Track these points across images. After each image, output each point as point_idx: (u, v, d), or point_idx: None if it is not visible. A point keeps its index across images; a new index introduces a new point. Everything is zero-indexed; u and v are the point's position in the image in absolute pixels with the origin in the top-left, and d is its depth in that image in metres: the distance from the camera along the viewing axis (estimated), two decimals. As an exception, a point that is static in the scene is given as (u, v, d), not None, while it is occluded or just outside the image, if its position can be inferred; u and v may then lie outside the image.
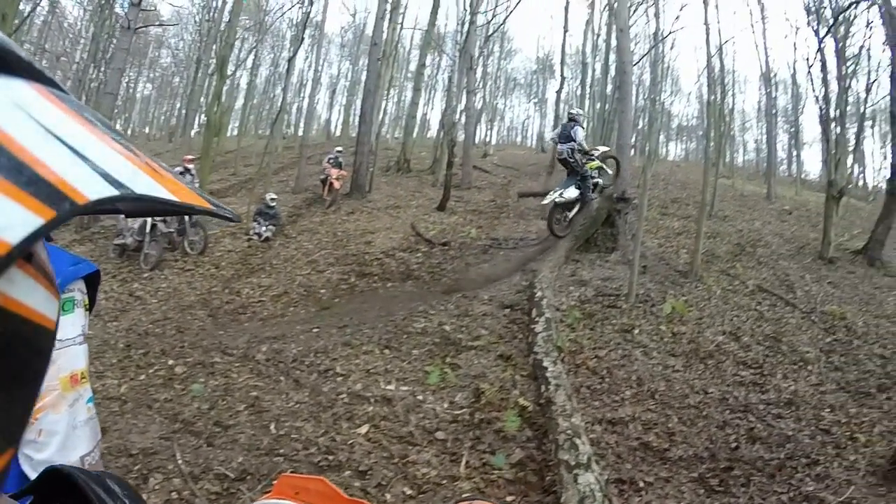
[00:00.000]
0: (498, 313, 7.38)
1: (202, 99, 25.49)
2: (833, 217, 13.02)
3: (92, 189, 0.27)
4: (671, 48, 31.66)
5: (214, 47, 22.74)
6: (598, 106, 28.80)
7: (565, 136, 10.58)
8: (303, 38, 20.21)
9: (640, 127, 27.70)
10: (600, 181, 11.08)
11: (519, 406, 5.11)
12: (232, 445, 4.15)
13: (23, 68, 0.30)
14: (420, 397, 5.09)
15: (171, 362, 5.71)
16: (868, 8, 15.78)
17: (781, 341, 8.41)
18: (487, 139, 41.43)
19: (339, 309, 8.51)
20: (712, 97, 17.04)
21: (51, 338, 0.32)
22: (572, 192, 10.41)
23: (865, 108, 21.80)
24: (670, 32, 24.87)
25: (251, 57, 30.36)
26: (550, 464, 4.25)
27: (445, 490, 3.95)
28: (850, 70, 17.42)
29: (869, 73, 19.99)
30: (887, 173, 15.17)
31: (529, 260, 10.09)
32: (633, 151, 19.36)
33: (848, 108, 17.92)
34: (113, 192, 0.28)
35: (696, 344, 7.78)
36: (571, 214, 10.81)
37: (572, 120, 10.77)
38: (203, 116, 24.45)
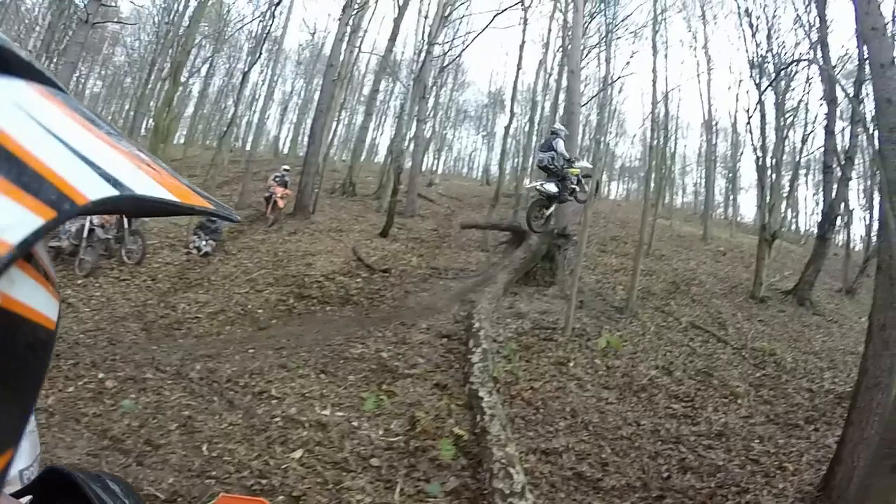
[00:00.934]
0: (435, 342, 7.42)
1: (152, 103, 24.79)
2: (765, 259, 13.62)
3: (92, 189, 0.28)
4: (619, 92, 32.41)
5: (171, 52, 22.23)
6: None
7: (547, 147, 11.09)
8: (260, 54, 20.05)
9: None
10: (577, 188, 11.42)
11: (454, 435, 5.14)
12: (162, 465, 4.05)
13: (23, 68, 0.30)
14: (355, 423, 5.07)
15: (101, 375, 5.55)
16: (808, 66, 16.65)
17: (713, 376, 8.67)
18: (434, 168, 41.58)
19: (276, 330, 8.38)
20: (655, 141, 17.63)
21: (51, 338, 0.32)
22: (552, 187, 10.74)
23: (801, 158, 22.93)
24: (619, 77, 25.54)
25: (206, 65, 29.92)
26: (485, 492, 4.29)
27: (380, 517, 3.94)
28: (788, 122, 18.33)
29: (806, 125, 21.00)
30: (819, 219, 15.97)
31: (468, 291, 10.14)
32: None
33: (784, 157, 18.86)
34: (113, 192, 0.29)
35: (629, 377, 7.96)
36: (548, 212, 11.15)
37: (554, 133, 11.31)
38: (151, 121, 23.83)
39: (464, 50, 22.69)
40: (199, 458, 4.12)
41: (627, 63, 35.40)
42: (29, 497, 0.51)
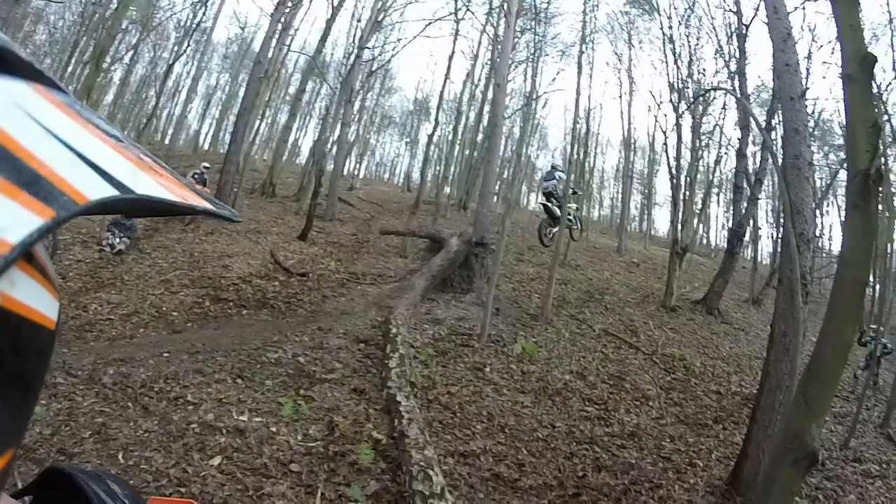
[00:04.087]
0: (353, 347, 7.44)
1: (71, 87, 23.50)
2: (676, 270, 14.27)
3: (92, 189, 0.28)
4: (543, 107, 33.09)
5: (95, 35, 21.06)
6: (466, 153, 29.89)
7: (551, 177, 12.57)
8: (188, 45, 19.41)
9: (504, 176, 28.78)
10: (573, 224, 12.90)
11: (373, 439, 5.18)
12: (78, 476, 3.88)
13: (23, 69, 0.30)
14: (273, 429, 5.04)
15: (7, 379, 5.29)
16: (725, 94, 17.59)
17: (625, 380, 9.02)
18: (356, 172, 41.24)
19: (191, 334, 8.13)
20: (575, 156, 18.14)
21: (51, 338, 0.33)
22: (556, 209, 11.91)
23: (713, 177, 24.26)
24: (544, 93, 26.01)
25: (130, 53, 28.68)
26: (405, 495, 4.36)
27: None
28: (703, 144, 19.33)
29: (720, 147, 22.31)
30: (728, 235, 16.95)
31: (386, 296, 10.19)
32: (495, 199, 20.11)
33: (698, 175, 19.75)
34: (113, 192, 0.29)
35: (544, 382, 8.18)
36: (555, 230, 12.13)
37: (554, 168, 12.85)
38: (68, 108, 22.56)
39: (393, 56, 22.61)
40: (116, 467, 3.97)
41: (553, 80, 36.39)
42: (30, 497, 0.51)
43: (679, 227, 15.43)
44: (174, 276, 10.88)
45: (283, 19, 18.45)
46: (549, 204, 12.21)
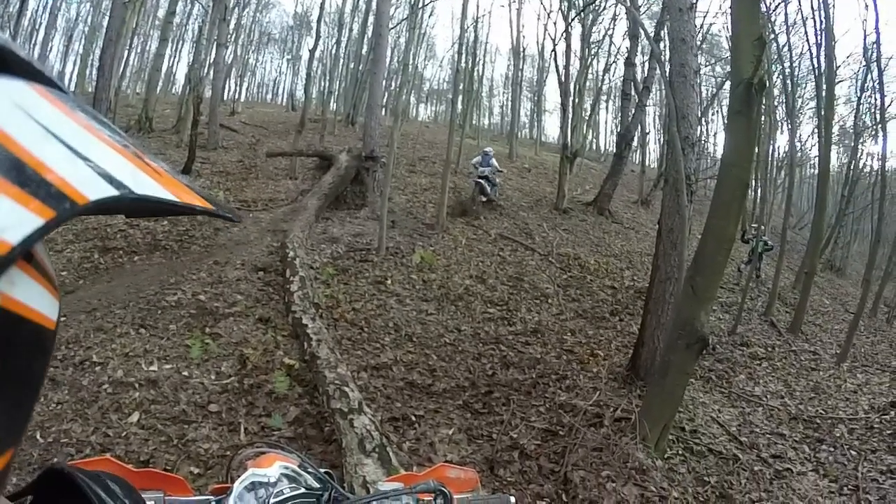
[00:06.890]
0: (252, 277, 7.40)
1: None
2: (567, 174, 15.02)
3: (92, 189, 0.28)
4: (430, 15, 32.46)
5: None
6: (351, 66, 29.17)
7: (486, 163, 13.71)
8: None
9: (392, 88, 28.38)
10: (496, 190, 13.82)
11: (285, 366, 5.27)
12: (-1, 470, 3.75)
13: (23, 68, 0.30)
14: (185, 373, 5.01)
15: None
16: (616, 4, 17.92)
17: (523, 280, 9.42)
18: (236, 96, 39.38)
19: (84, 292, 7.63)
20: (464, 65, 18.11)
21: (52, 338, 0.33)
22: (488, 188, 13.24)
23: (602, 85, 25.04)
24: (430, 1, 25.45)
25: None
26: (325, 414, 4.49)
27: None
28: (592, 52, 19.98)
29: (609, 56, 23.25)
30: (616, 140, 17.84)
31: (280, 221, 10.15)
32: (383, 112, 19.88)
33: (587, 83, 20.29)
34: (113, 192, 0.29)
35: (446, 289, 8.50)
36: (484, 199, 13.44)
37: (486, 154, 13.95)
38: None
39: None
40: (36, 449, 3.82)
41: (440, -13, 35.57)
42: (29, 497, 0.52)
43: (569, 132, 16.07)
44: (56, 233, 10.25)
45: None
46: (485, 185, 13.43)
